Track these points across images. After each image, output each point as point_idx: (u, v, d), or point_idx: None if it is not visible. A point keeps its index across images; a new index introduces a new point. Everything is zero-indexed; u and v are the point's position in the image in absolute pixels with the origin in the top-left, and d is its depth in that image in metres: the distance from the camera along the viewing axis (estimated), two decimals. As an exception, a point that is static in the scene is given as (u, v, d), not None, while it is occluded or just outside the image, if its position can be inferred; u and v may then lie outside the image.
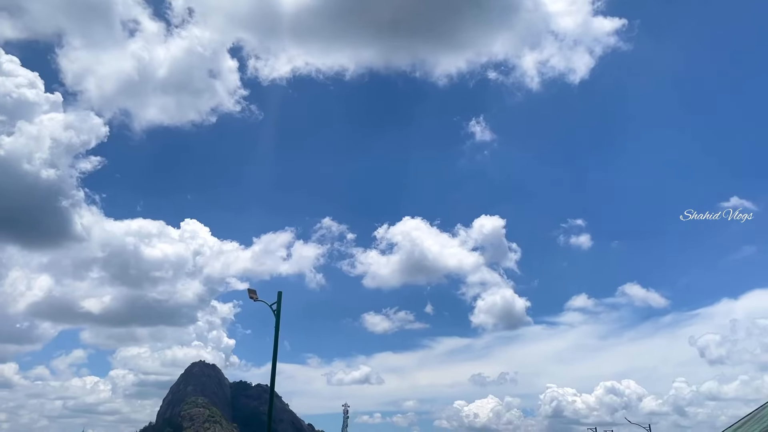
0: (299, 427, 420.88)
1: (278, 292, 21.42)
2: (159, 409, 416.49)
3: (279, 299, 21.16)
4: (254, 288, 24.40)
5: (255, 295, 21.86)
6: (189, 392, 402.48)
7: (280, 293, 21.37)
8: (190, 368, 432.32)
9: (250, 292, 22.10)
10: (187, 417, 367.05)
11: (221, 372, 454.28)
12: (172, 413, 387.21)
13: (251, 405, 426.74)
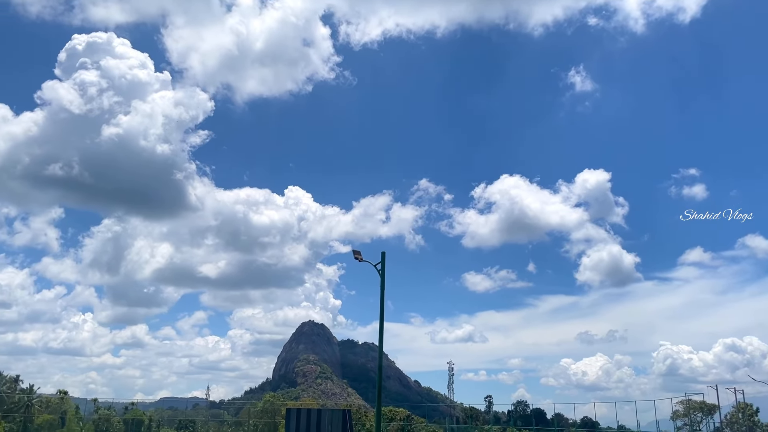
0: (406, 383, 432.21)
1: (381, 253, 21.56)
2: (274, 366, 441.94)
3: (383, 259, 21.31)
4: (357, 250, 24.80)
5: (360, 255, 22.15)
6: (301, 350, 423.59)
7: (383, 253, 21.51)
8: (300, 327, 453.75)
9: (355, 253, 22.43)
10: (300, 373, 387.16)
11: (329, 331, 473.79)
12: (287, 370, 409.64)
13: (359, 362, 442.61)
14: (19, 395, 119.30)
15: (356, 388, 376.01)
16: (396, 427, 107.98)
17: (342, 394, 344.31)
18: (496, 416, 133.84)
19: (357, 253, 22.19)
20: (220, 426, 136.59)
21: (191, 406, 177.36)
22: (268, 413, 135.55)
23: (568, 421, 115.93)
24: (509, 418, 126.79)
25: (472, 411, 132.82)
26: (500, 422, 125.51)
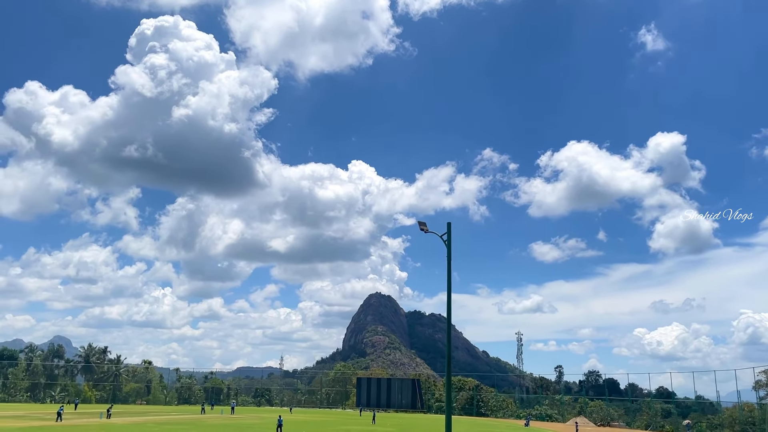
0: (474, 353, 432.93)
1: (447, 223, 21.39)
2: (344, 337, 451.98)
3: (449, 229, 21.17)
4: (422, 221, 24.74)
5: (425, 226, 22.10)
6: (369, 321, 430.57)
7: (449, 224, 21.34)
8: (368, 299, 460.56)
9: (420, 224, 22.39)
10: (369, 344, 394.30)
11: (396, 302, 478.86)
12: (356, 340, 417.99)
13: (426, 332, 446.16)
14: (107, 365, 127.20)
15: (424, 359, 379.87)
16: (465, 397, 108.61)
17: (410, 364, 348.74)
18: (567, 386, 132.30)
19: (422, 225, 22.13)
20: (294, 394, 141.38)
21: (266, 376, 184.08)
22: (340, 382, 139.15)
23: (643, 391, 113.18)
24: (581, 388, 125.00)
25: (542, 381, 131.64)
26: (571, 392, 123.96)
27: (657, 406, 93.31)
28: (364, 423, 67.84)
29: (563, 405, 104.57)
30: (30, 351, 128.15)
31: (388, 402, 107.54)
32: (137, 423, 58.43)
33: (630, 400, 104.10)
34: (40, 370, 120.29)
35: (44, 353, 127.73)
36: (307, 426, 59.57)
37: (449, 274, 21.14)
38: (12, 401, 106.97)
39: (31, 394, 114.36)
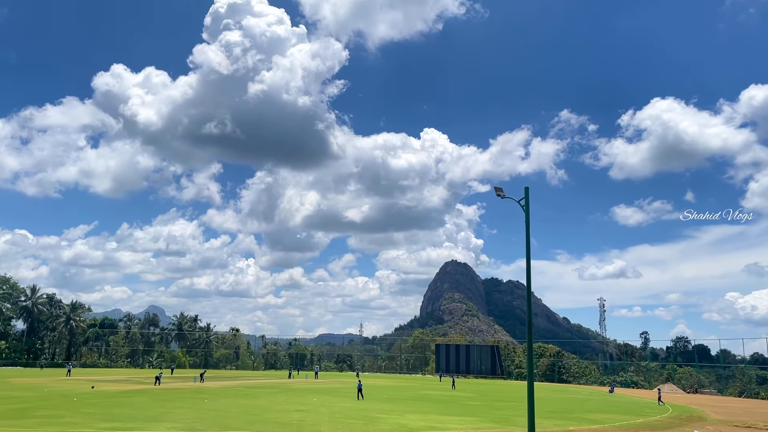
0: (554, 320, 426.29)
1: (525, 188, 20.86)
2: (421, 304, 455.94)
3: (526, 194, 20.64)
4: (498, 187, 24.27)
5: (502, 192, 21.66)
6: (445, 289, 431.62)
7: (526, 188, 20.81)
8: (444, 267, 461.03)
9: (496, 189, 21.95)
10: (446, 311, 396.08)
11: (473, 270, 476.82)
12: (433, 308, 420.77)
13: (504, 299, 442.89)
14: (198, 333, 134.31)
15: (503, 325, 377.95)
16: (546, 363, 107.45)
17: (489, 331, 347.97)
18: (653, 353, 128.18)
19: (499, 190, 21.69)
20: (375, 360, 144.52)
21: (347, 342, 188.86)
22: (418, 348, 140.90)
23: (736, 357, 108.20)
24: (668, 354, 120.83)
25: (627, 347, 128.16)
26: (658, 359, 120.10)
27: (751, 372, 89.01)
28: (444, 388, 68.56)
29: (650, 372, 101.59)
30: (128, 320, 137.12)
31: (467, 368, 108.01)
32: (229, 386, 61.58)
33: (722, 366, 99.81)
34: (138, 338, 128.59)
35: (141, 322, 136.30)
36: (388, 390, 60.84)
37: (528, 240, 20.68)
38: (114, 366, 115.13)
39: (131, 360, 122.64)
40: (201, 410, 36.01)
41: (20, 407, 35.61)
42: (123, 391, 51.21)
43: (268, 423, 30.22)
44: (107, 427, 27.56)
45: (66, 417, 31.01)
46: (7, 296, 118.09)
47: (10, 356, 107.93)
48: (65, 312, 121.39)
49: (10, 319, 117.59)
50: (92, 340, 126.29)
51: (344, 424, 30.71)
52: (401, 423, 31.88)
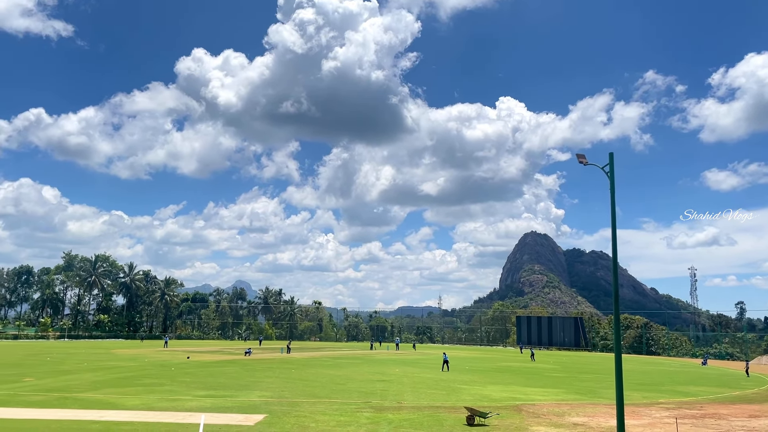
0: (641, 291, 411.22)
1: (609, 154, 20.06)
2: (500, 276, 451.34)
3: (611, 160, 19.86)
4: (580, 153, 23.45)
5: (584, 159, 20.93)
6: (525, 261, 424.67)
7: (611, 154, 20.01)
8: (523, 239, 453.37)
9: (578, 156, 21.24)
10: (527, 283, 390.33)
11: (553, 241, 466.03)
12: (513, 280, 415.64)
13: (587, 270, 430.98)
14: (283, 306, 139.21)
15: (586, 297, 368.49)
16: (633, 335, 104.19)
17: (571, 303, 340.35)
18: (750, 323, 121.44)
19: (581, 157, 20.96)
20: (454, 332, 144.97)
21: (426, 314, 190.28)
22: (499, 320, 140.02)
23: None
24: (766, 325, 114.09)
25: (721, 318, 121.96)
26: (755, 330, 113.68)
27: None
28: (526, 360, 67.97)
29: (746, 343, 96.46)
30: (217, 294, 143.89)
31: (550, 340, 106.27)
32: (313, 357, 63.67)
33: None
34: (227, 311, 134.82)
35: (229, 296, 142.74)
36: (469, 362, 61.02)
37: (613, 208, 19.96)
38: (206, 338, 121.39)
39: (221, 332, 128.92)
40: (289, 379, 37.45)
41: (124, 376, 38.33)
42: (216, 362, 54.00)
43: (352, 392, 31.06)
44: (203, 394, 29.21)
45: (166, 385, 33.11)
46: (107, 273, 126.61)
47: (113, 329, 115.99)
48: (160, 287, 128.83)
49: (111, 294, 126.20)
50: (185, 314, 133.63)
51: (427, 393, 31.11)
52: (483, 394, 31.93)
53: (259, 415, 22.63)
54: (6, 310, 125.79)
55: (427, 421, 21.99)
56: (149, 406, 24.94)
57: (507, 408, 26.10)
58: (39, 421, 20.68)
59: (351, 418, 22.32)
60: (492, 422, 21.78)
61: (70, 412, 22.89)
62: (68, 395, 27.97)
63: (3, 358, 53.74)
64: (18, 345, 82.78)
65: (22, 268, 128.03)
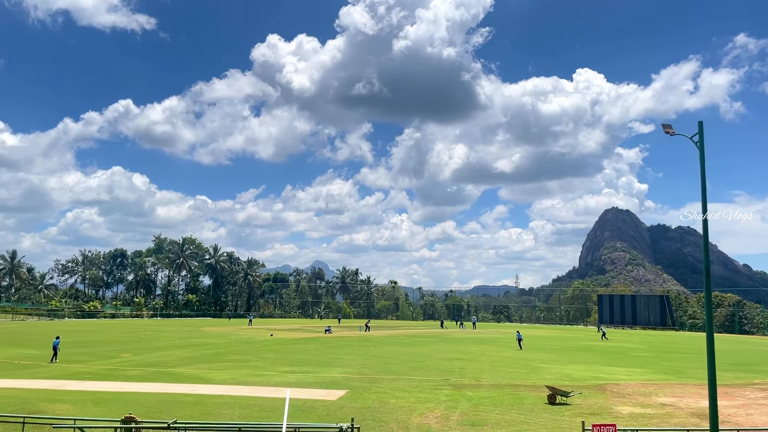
0: (732, 267, 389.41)
1: (698, 122, 18.93)
2: (579, 254, 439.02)
3: (700, 129, 18.76)
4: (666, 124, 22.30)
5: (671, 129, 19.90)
6: (606, 237, 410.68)
7: (700, 123, 18.88)
8: (603, 215, 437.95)
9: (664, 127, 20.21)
10: (608, 261, 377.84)
11: (636, 216, 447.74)
12: (593, 257, 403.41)
13: (673, 247, 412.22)
14: (360, 285, 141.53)
15: (672, 274, 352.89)
16: (724, 313, 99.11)
17: (656, 281, 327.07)
18: None
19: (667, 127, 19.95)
20: (533, 311, 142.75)
21: (502, 293, 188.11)
22: (579, 299, 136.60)
23: None
24: None
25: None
26: None
27: None
28: (610, 339, 66.06)
29: None
30: (297, 275, 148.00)
31: (634, 319, 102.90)
32: (391, 335, 64.52)
33: None
34: (307, 291, 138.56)
35: (308, 276, 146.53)
36: (548, 341, 60.01)
37: (703, 180, 18.90)
38: (287, 317, 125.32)
39: (301, 311, 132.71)
40: (368, 357, 38.18)
41: (213, 352, 40.26)
42: (297, 339, 55.74)
43: (430, 370, 31.30)
44: (287, 370, 30.27)
45: (251, 361, 34.55)
46: (194, 255, 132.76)
47: (200, 308, 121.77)
48: (243, 268, 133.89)
49: (198, 275, 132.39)
50: (267, 293, 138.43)
51: (506, 372, 30.90)
52: (565, 373, 31.37)
53: (341, 391, 23.24)
54: (104, 290, 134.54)
55: (507, 399, 21.88)
56: (237, 380, 26.12)
57: (590, 387, 25.55)
58: (138, 393, 22.12)
59: (430, 395, 22.53)
60: (574, 401, 21.40)
61: (165, 385, 24.33)
62: (162, 370, 29.72)
63: (103, 335, 57.66)
64: (115, 323, 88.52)
65: (116, 251, 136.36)
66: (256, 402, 20.50)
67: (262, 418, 17.40)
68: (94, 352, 38.16)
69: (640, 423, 17.74)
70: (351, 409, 19.05)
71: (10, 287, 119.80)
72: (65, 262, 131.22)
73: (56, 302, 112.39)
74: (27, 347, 42.31)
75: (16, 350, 39.82)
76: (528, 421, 17.99)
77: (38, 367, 30.43)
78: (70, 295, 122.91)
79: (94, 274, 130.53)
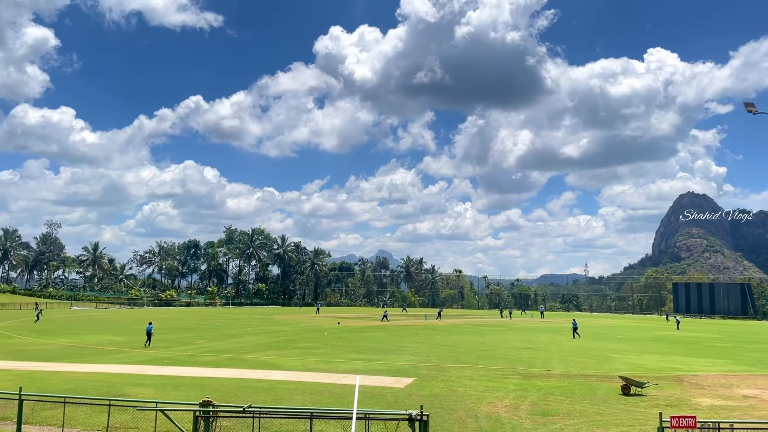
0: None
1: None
2: (653, 241, 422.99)
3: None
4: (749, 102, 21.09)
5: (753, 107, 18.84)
6: (681, 224, 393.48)
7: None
8: (678, 200, 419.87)
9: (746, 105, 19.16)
10: (683, 248, 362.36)
11: (713, 201, 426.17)
12: (667, 244, 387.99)
13: (755, 233, 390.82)
14: (424, 274, 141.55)
15: (753, 261, 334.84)
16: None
17: (736, 268, 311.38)
18: None
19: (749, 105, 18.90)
20: (603, 300, 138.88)
21: (571, 282, 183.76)
22: (652, 288, 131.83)
23: None
24: None
25: None
26: None
27: None
28: (684, 329, 63.48)
29: None
30: (362, 264, 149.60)
31: (712, 308, 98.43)
32: (457, 324, 64.32)
33: None
34: (372, 279, 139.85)
35: (372, 265, 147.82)
36: (620, 330, 58.31)
37: (790, 160, 17.71)
38: (353, 305, 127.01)
39: (367, 299, 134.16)
40: (434, 345, 38.21)
41: (283, 340, 41.32)
42: (364, 327, 56.42)
43: (498, 359, 31.00)
44: (355, 357, 30.71)
45: (320, 348, 35.25)
46: (263, 245, 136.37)
47: (270, 297, 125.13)
48: (310, 258, 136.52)
49: (267, 264, 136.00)
50: (333, 282, 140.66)
51: (576, 362, 30.22)
52: (638, 363, 30.38)
53: (408, 379, 23.38)
54: (179, 280, 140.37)
55: (579, 389, 21.41)
56: (307, 367, 26.72)
57: (666, 378, 24.66)
58: (213, 378, 22.99)
59: (499, 384, 22.33)
60: (650, 392, 20.71)
61: (238, 371, 25.18)
62: (236, 356, 30.76)
63: (179, 322, 60.21)
64: (190, 311, 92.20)
65: (190, 242, 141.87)
66: (326, 388, 20.91)
67: (332, 403, 17.75)
68: (172, 339, 39.91)
69: (721, 416, 16.98)
70: (419, 397, 19.15)
71: (93, 277, 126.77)
72: (143, 253, 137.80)
73: (135, 291, 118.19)
74: (110, 334, 44.75)
75: (101, 337, 42.17)
76: (601, 412, 17.55)
77: (121, 353, 32.12)
78: (148, 284, 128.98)
79: (169, 264, 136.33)
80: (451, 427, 15.43)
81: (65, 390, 18.65)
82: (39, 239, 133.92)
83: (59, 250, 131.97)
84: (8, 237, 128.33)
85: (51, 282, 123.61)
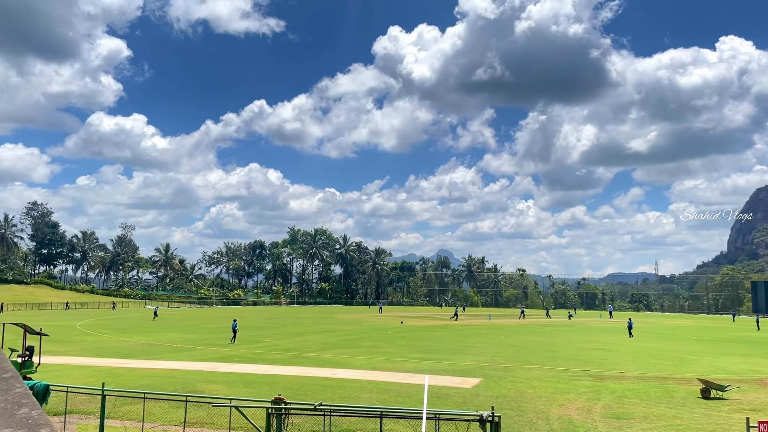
0: None
1: None
2: (728, 238, 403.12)
3: None
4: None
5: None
6: (759, 219, 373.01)
7: None
8: (755, 194, 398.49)
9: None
10: (762, 244, 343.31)
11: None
12: (744, 241, 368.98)
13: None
14: (486, 273, 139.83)
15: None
16: None
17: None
18: None
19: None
20: (675, 299, 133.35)
21: (640, 281, 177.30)
22: (729, 287, 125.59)
23: None
24: None
25: None
26: None
27: None
28: (765, 330, 60.11)
29: None
30: (423, 263, 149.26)
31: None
32: (522, 324, 63.20)
33: None
34: (433, 279, 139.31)
35: (434, 264, 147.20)
36: (695, 331, 55.80)
37: None
38: (415, 305, 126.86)
39: (428, 299, 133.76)
40: (500, 345, 37.66)
41: (348, 338, 41.71)
42: (427, 326, 56.26)
43: (568, 360, 30.24)
44: (419, 356, 30.65)
45: (384, 347, 35.36)
46: (325, 245, 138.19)
47: (333, 296, 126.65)
48: (371, 257, 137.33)
49: (329, 264, 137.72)
50: (395, 282, 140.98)
51: (650, 364, 29.11)
52: (717, 365, 28.97)
53: (475, 379, 23.12)
54: (246, 279, 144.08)
55: (655, 392, 20.60)
56: (372, 365, 26.85)
57: (748, 381, 23.40)
58: (282, 376, 23.43)
59: (569, 386, 21.77)
60: (732, 396, 19.71)
61: (306, 369, 25.57)
62: (302, 354, 31.26)
63: (247, 321, 61.76)
64: (257, 310, 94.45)
65: (255, 243, 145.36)
66: (392, 387, 20.94)
67: (399, 402, 17.74)
68: (241, 337, 40.97)
69: (814, 423, 15.94)
70: (487, 398, 18.89)
71: (165, 277, 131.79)
72: (211, 254, 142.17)
73: (205, 291, 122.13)
74: (183, 332, 46.38)
75: (175, 334, 43.76)
76: (680, 416, 16.82)
77: (193, 350, 33.21)
78: (216, 284, 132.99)
79: (236, 264, 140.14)
80: (521, 429, 15.14)
81: (143, 386, 19.43)
82: (115, 241, 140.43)
83: (133, 252, 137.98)
84: (86, 239, 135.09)
85: (126, 282, 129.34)
